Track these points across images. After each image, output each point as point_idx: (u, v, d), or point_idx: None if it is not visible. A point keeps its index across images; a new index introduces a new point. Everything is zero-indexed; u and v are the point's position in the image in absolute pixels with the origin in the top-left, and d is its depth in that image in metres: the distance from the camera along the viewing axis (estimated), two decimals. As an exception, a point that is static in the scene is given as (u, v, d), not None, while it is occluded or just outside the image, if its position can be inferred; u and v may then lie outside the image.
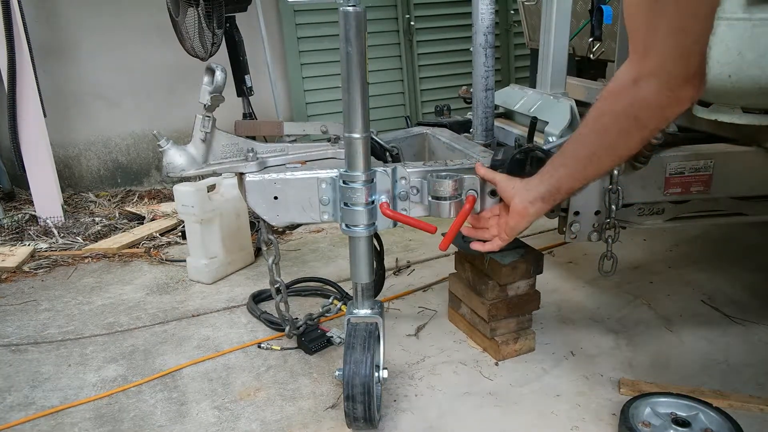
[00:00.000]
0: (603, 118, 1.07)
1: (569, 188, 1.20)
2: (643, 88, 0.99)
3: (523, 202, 1.24)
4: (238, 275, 2.53)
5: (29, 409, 1.71)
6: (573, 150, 1.16)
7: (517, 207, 1.25)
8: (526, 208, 1.24)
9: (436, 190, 1.41)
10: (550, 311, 2.09)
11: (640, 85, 0.99)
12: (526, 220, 1.26)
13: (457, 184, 1.39)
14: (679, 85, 0.97)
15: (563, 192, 1.21)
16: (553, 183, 1.20)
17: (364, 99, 1.34)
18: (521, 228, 1.28)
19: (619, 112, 1.04)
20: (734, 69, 1.39)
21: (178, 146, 1.48)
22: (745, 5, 1.34)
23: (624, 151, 1.11)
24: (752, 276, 2.29)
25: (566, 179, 1.18)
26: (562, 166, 1.18)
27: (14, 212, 3.34)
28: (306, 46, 3.97)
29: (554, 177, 1.19)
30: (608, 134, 1.08)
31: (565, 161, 1.18)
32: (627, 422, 1.43)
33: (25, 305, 2.35)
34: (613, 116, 1.06)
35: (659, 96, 0.98)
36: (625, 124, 1.05)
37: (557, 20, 1.72)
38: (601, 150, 1.11)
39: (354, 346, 1.44)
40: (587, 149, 1.13)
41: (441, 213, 1.42)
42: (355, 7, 1.27)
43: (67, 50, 3.69)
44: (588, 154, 1.13)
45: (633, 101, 1.01)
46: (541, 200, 1.22)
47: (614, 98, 1.05)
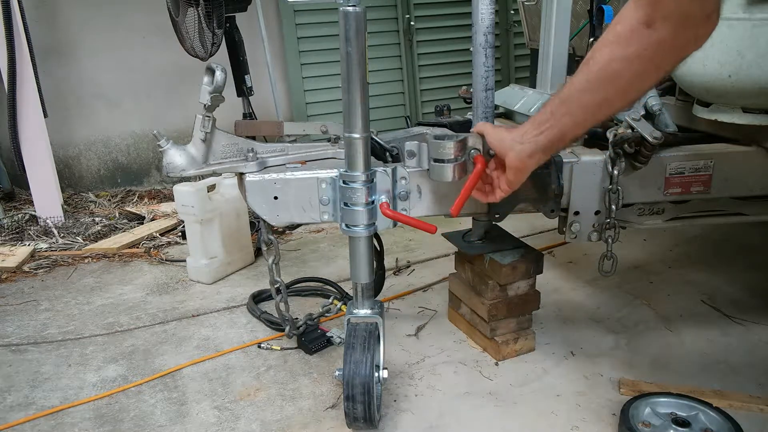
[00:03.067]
0: (613, 63, 1.03)
1: (574, 136, 1.17)
2: (658, 31, 0.95)
3: (521, 156, 1.20)
4: (238, 275, 2.53)
5: (29, 409, 1.71)
6: (579, 98, 1.11)
7: (514, 162, 1.21)
8: (524, 162, 1.20)
9: (437, 152, 1.32)
10: (550, 311, 2.09)
11: (654, 28, 0.95)
12: (525, 174, 1.23)
13: (461, 145, 1.32)
14: (697, 25, 0.94)
15: (567, 140, 1.18)
16: (556, 133, 1.16)
17: (364, 99, 1.34)
18: (521, 180, 1.25)
19: (632, 56, 1.00)
20: (734, 69, 1.39)
21: (178, 146, 1.48)
22: (745, 5, 1.34)
23: (636, 94, 1.09)
24: (752, 276, 2.29)
25: (571, 127, 1.15)
26: (566, 114, 1.13)
27: (14, 212, 3.34)
28: (306, 46, 3.97)
29: (557, 127, 1.15)
30: (621, 79, 1.04)
31: (570, 109, 1.13)
32: (627, 422, 1.43)
33: (25, 305, 2.35)
34: (625, 61, 1.01)
35: (677, 38, 0.95)
36: (639, 68, 1.01)
37: (557, 20, 1.72)
38: (614, 95, 1.07)
39: (354, 346, 1.44)
40: (597, 96, 1.08)
41: (444, 176, 1.34)
42: (355, 7, 1.27)
43: (67, 50, 3.69)
44: (598, 102, 1.09)
45: (648, 45, 0.97)
46: (542, 152, 1.19)
47: (625, 43, 1.00)
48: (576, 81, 1.10)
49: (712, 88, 1.47)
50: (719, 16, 0.93)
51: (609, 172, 1.55)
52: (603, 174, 1.57)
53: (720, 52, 1.39)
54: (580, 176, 1.57)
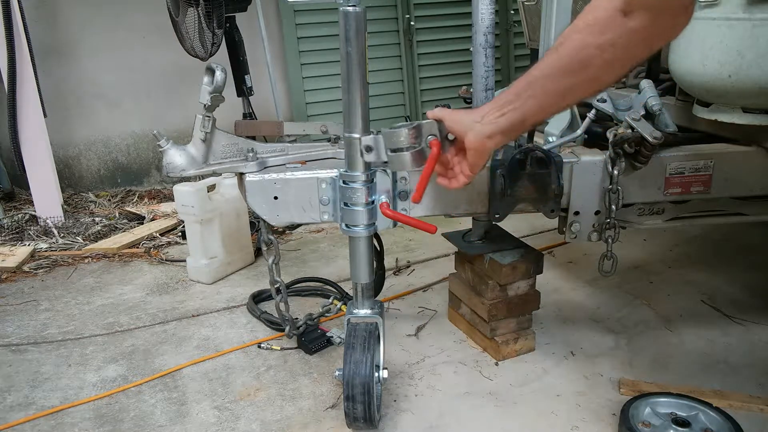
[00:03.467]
0: (585, 50, 1.00)
1: (536, 121, 1.14)
2: (635, 19, 0.93)
3: (479, 137, 1.15)
4: (238, 275, 2.53)
5: (29, 409, 1.71)
6: (545, 83, 1.07)
7: (472, 143, 1.17)
8: (484, 144, 1.16)
9: (393, 142, 1.28)
10: (550, 311, 2.09)
11: (632, 17, 0.93)
12: (485, 155, 1.19)
13: (415, 132, 1.27)
14: (675, 14, 0.92)
15: (528, 125, 1.14)
16: (518, 116, 1.11)
17: (364, 99, 1.34)
18: (482, 163, 1.21)
19: (606, 44, 0.97)
20: (734, 69, 1.39)
21: (178, 146, 1.48)
22: (745, 5, 1.34)
23: (604, 83, 1.06)
24: (752, 276, 2.29)
25: (535, 111, 1.11)
26: (531, 98, 1.09)
27: (14, 212, 3.34)
28: (306, 46, 3.97)
29: (520, 110, 1.11)
30: (591, 67, 1.01)
31: (535, 93, 1.09)
32: (627, 422, 1.43)
33: (25, 305, 2.35)
34: (598, 49, 0.99)
35: (653, 27, 0.93)
36: (611, 56, 0.99)
37: (557, 20, 1.72)
38: (581, 83, 1.05)
39: (354, 346, 1.44)
40: (565, 82, 1.05)
41: (404, 165, 1.29)
42: (355, 7, 1.27)
43: (67, 50, 3.69)
44: (565, 88, 1.06)
45: (623, 33, 0.95)
46: (502, 134, 1.14)
47: (599, 30, 0.97)
48: (544, 65, 1.07)
49: (712, 88, 1.47)
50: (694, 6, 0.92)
51: (609, 172, 1.55)
52: (603, 174, 1.57)
53: (720, 52, 1.39)
54: (580, 176, 1.57)
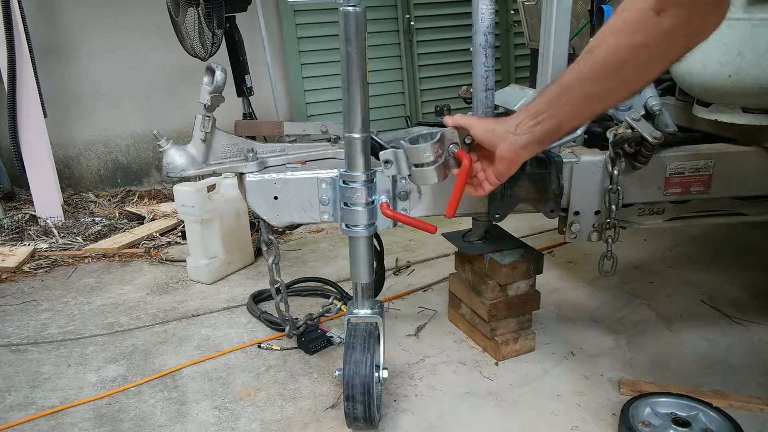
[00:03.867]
0: (619, 52, 0.99)
1: (571, 127, 1.14)
2: (668, 18, 0.91)
3: (514, 146, 1.14)
4: (238, 275, 2.53)
5: (29, 409, 1.71)
6: (581, 87, 1.05)
7: (505, 153, 1.15)
8: (518, 154, 1.14)
9: (415, 157, 1.25)
10: (550, 311, 2.09)
11: (665, 15, 0.92)
12: (517, 165, 1.18)
13: (438, 144, 1.23)
14: (708, 12, 0.91)
15: (563, 132, 1.13)
16: (553, 124, 1.10)
17: (364, 99, 1.34)
18: (512, 172, 1.20)
19: (639, 44, 0.96)
20: (734, 69, 1.39)
21: (178, 146, 1.48)
22: (745, 5, 1.34)
23: (640, 84, 1.06)
24: (752, 276, 2.29)
25: (569, 118, 1.10)
26: (565, 105, 1.08)
27: (14, 212, 3.34)
28: (306, 46, 3.97)
29: (555, 117, 1.09)
30: (626, 68, 1.00)
31: (570, 99, 1.07)
32: (627, 422, 1.43)
33: (25, 305, 2.35)
34: (632, 49, 0.97)
35: (688, 25, 0.92)
36: (646, 56, 0.97)
37: (557, 20, 1.72)
38: (617, 85, 1.03)
39: (354, 346, 1.44)
40: (600, 86, 1.04)
41: (427, 180, 1.26)
42: (355, 7, 1.27)
43: (67, 50, 3.69)
44: (601, 91, 1.05)
45: (657, 32, 0.93)
46: (537, 143, 1.13)
47: (632, 30, 0.96)
48: (577, 69, 1.05)
49: (712, 88, 1.47)
50: (729, 4, 0.91)
51: (609, 172, 1.55)
52: (603, 174, 1.57)
53: (720, 52, 1.39)
54: (580, 176, 1.57)
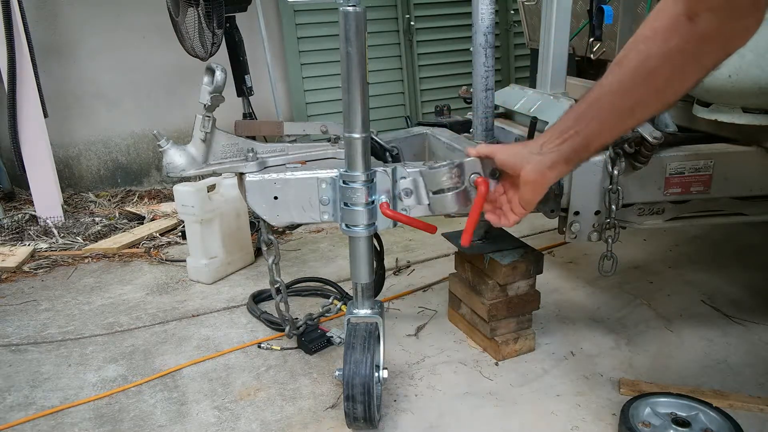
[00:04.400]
0: (650, 61, 0.93)
1: (600, 144, 1.05)
2: (702, 23, 0.86)
3: (540, 168, 1.07)
4: (238, 275, 2.53)
5: (29, 409, 1.71)
6: (610, 100, 0.99)
7: (530, 176, 1.08)
8: (545, 175, 1.08)
9: (436, 183, 1.25)
10: (550, 311, 2.09)
11: (698, 21, 0.86)
12: (544, 188, 1.10)
13: (458, 171, 1.23)
14: (744, 15, 0.85)
15: (592, 149, 1.05)
16: (581, 141, 1.03)
17: (364, 99, 1.34)
18: (538, 198, 1.13)
19: (672, 52, 0.90)
20: (734, 69, 1.39)
21: (178, 146, 1.48)
22: (745, 5, 1.33)
23: (674, 96, 0.97)
24: (752, 276, 2.29)
25: (598, 134, 1.03)
26: (593, 119, 1.02)
27: (14, 212, 3.34)
28: (306, 46, 3.97)
29: (582, 134, 1.03)
30: (658, 78, 0.94)
31: (599, 114, 1.01)
32: (627, 422, 1.43)
33: (25, 305, 2.35)
34: (664, 58, 0.91)
35: (722, 29, 0.86)
36: (679, 65, 0.91)
37: (557, 20, 1.72)
38: (649, 97, 0.97)
39: (354, 346, 1.44)
40: (631, 98, 0.98)
41: (447, 208, 1.26)
42: (355, 7, 1.27)
43: (67, 50, 3.69)
44: (631, 104, 0.98)
45: (690, 39, 0.88)
46: (564, 162, 1.06)
47: (663, 38, 0.90)
48: (606, 83, 0.99)
49: (712, 88, 1.47)
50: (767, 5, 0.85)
51: (609, 172, 1.55)
52: (603, 174, 1.57)
53: (720, 52, 1.39)
54: (580, 176, 1.57)
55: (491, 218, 1.22)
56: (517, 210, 1.17)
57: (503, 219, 1.20)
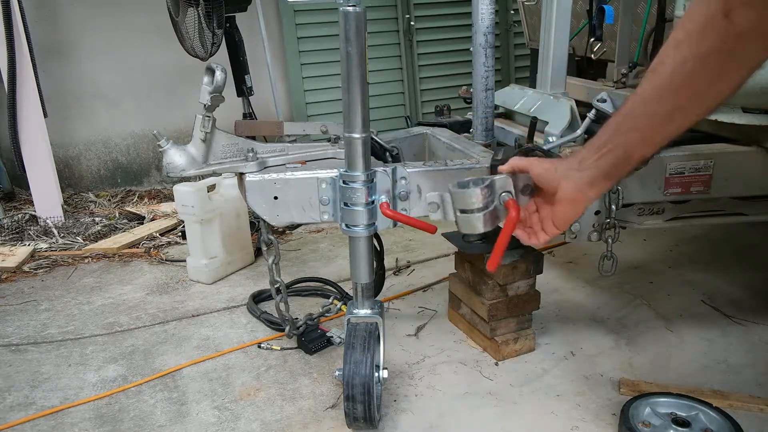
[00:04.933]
0: (686, 63, 0.89)
1: (642, 156, 0.99)
2: (738, 20, 0.82)
3: (578, 185, 1.01)
4: (238, 275, 2.53)
5: (29, 409, 1.71)
6: (647, 109, 0.95)
7: (568, 193, 1.02)
8: (583, 192, 1.02)
9: (463, 203, 1.14)
10: (550, 311, 2.09)
11: (733, 18, 0.82)
12: (583, 207, 1.04)
13: (488, 190, 1.12)
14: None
15: (633, 162, 0.99)
16: (621, 154, 0.98)
17: (364, 99, 1.34)
18: (576, 217, 1.06)
19: (708, 53, 0.86)
20: (734, 69, 1.38)
21: (178, 146, 1.48)
22: (745, 5, 1.33)
23: (715, 99, 0.92)
24: (752, 276, 2.29)
25: (638, 145, 0.97)
26: (632, 130, 0.97)
27: (14, 212, 3.34)
28: (306, 46, 3.97)
29: (622, 146, 0.98)
30: (696, 82, 0.90)
31: (636, 124, 0.96)
32: (627, 422, 1.43)
33: (25, 305, 2.35)
34: (700, 60, 0.87)
35: (760, 25, 0.82)
36: (717, 66, 0.87)
37: (557, 20, 1.72)
38: (688, 102, 0.92)
39: (354, 346, 1.44)
40: (668, 104, 0.93)
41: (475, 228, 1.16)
42: (355, 7, 1.27)
43: (67, 50, 3.69)
44: (670, 110, 0.94)
45: (726, 38, 0.84)
46: (605, 178, 1.00)
47: (698, 39, 0.87)
48: (641, 91, 0.95)
49: (712, 88, 1.47)
50: None
51: (609, 172, 1.55)
52: (603, 174, 1.56)
53: (720, 52, 1.38)
54: (580, 176, 1.57)
55: (520, 235, 1.15)
56: (549, 229, 1.11)
57: (533, 238, 1.14)
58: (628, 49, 1.99)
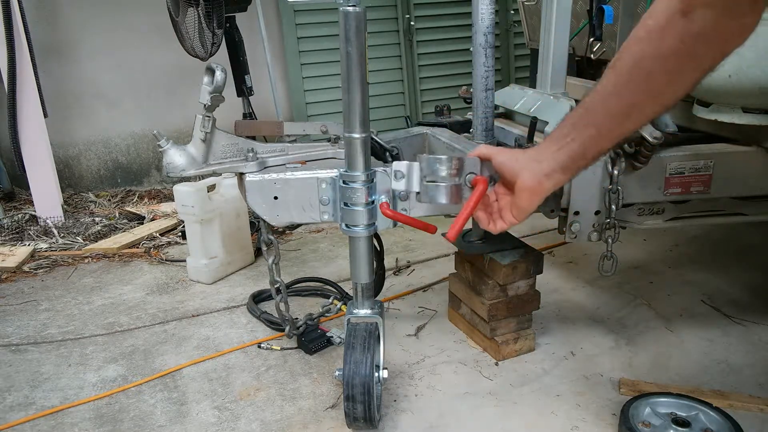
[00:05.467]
0: (644, 61, 0.89)
1: (598, 151, 1.01)
2: (697, 20, 0.83)
3: (536, 176, 1.04)
4: (238, 275, 2.53)
5: (29, 409, 1.71)
6: (604, 105, 0.96)
7: (527, 183, 1.05)
8: (541, 183, 1.04)
9: (432, 172, 1.20)
10: (550, 311, 2.09)
11: (692, 18, 0.83)
12: (539, 197, 1.07)
13: (458, 164, 1.19)
14: (742, 13, 0.82)
15: (589, 157, 1.02)
16: (577, 148, 1.00)
17: (364, 99, 1.34)
18: (533, 207, 1.09)
19: (667, 51, 0.87)
20: (734, 69, 1.39)
21: (178, 146, 1.48)
22: (745, 5, 1.33)
23: (671, 97, 0.93)
24: (752, 276, 2.29)
25: (595, 140, 0.99)
26: (589, 125, 0.98)
27: (14, 212, 3.34)
28: (306, 46, 3.97)
29: (578, 140, 1.00)
30: (654, 80, 0.90)
31: (594, 119, 0.97)
32: (627, 422, 1.43)
33: (25, 305, 2.35)
34: (659, 58, 0.88)
35: (718, 27, 0.82)
36: (675, 64, 0.88)
37: (557, 20, 1.72)
38: (645, 99, 0.93)
39: (354, 346, 1.44)
40: (625, 101, 0.94)
41: (437, 198, 1.22)
42: (355, 7, 1.27)
43: (67, 50, 3.69)
44: (626, 107, 0.94)
45: (684, 37, 0.84)
46: (561, 171, 1.03)
47: (657, 37, 0.87)
48: (600, 87, 0.96)
49: (711, 88, 1.47)
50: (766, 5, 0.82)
51: (609, 172, 1.55)
52: (603, 174, 1.57)
53: (720, 52, 1.39)
54: (580, 176, 1.56)
55: (480, 217, 1.19)
56: (507, 218, 1.13)
57: (491, 224, 1.17)
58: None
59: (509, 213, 1.12)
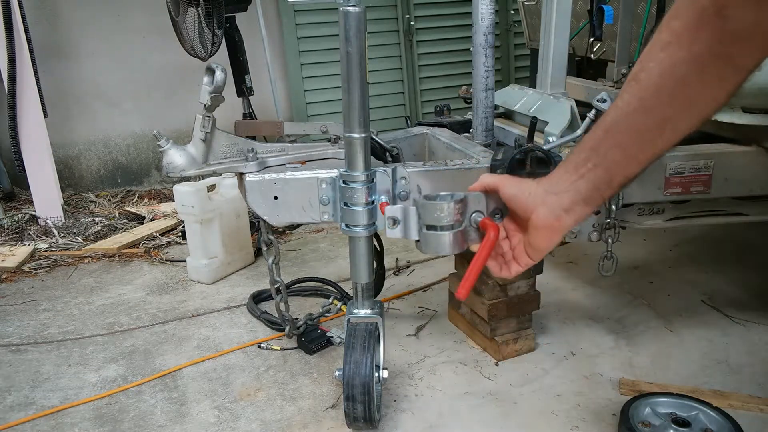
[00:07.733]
0: (678, 68, 0.77)
1: (625, 177, 0.84)
2: (733, 18, 0.72)
3: (554, 211, 0.87)
4: (238, 275, 2.53)
5: (29, 409, 1.71)
6: (629, 123, 0.82)
7: (544, 220, 0.88)
8: (560, 219, 0.87)
9: (430, 217, 1.00)
10: (550, 311, 2.09)
11: (727, 15, 0.72)
12: (559, 235, 0.90)
13: (460, 206, 0.99)
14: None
15: (616, 185, 0.85)
16: (602, 174, 0.84)
17: (364, 99, 1.34)
18: (552, 246, 0.92)
19: (702, 54, 0.75)
20: (734, 69, 1.38)
21: (178, 146, 1.48)
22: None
23: (711, 106, 0.80)
24: (752, 276, 2.29)
25: (622, 163, 0.83)
26: (613, 147, 0.83)
27: (14, 212, 3.34)
28: (306, 46, 3.97)
29: (602, 165, 0.84)
30: (688, 88, 0.78)
31: (619, 140, 0.83)
32: (627, 422, 1.43)
33: (25, 305, 2.35)
34: (692, 63, 0.76)
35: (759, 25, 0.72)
36: (713, 68, 0.76)
37: (557, 20, 1.72)
38: (679, 111, 0.80)
39: (354, 346, 1.44)
40: (656, 116, 0.80)
41: (440, 249, 1.02)
42: (355, 7, 1.27)
43: (67, 50, 3.70)
44: (658, 123, 0.81)
45: (721, 37, 0.74)
46: (584, 203, 0.86)
47: (688, 39, 0.76)
48: (622, 103, 0.82)
49: (711, 88, 1.47)
50: None
51: (609, 172, 1.55)
52: (603, 174, 1.56)
53: (720, 52, 1.38)
54: (580, 176, 1.57)
55: (492, 266, 1.00)
56: (523, 261, 0.96)
57: (504, 270, 0.98)
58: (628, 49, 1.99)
59: (523, 254, 0.96)
